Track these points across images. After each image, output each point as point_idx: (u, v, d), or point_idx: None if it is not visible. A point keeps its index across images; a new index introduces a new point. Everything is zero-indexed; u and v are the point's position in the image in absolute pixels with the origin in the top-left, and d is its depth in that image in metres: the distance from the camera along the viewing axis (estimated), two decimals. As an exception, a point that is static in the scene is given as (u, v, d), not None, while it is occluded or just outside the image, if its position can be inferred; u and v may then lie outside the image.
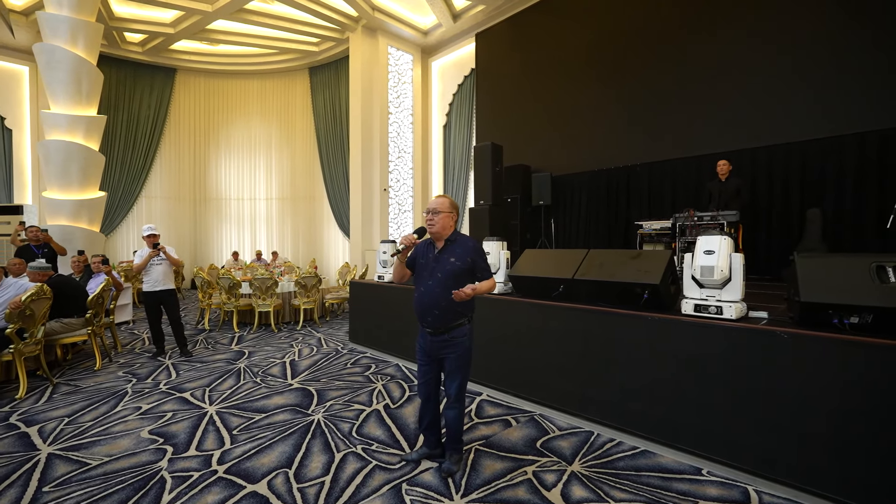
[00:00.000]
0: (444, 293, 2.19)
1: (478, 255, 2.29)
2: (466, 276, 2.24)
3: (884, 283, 1.99)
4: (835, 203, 5.09)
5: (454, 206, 2.35)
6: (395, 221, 10.21)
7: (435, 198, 2.36)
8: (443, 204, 2.30)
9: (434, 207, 2.29)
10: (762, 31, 5.55)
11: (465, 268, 2.24)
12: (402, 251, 2.31)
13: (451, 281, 2.21)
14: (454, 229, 2.34)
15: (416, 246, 2.40)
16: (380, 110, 9.76)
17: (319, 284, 6.34)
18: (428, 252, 2.35)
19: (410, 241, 2.29)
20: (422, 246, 2.40)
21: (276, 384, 3.76)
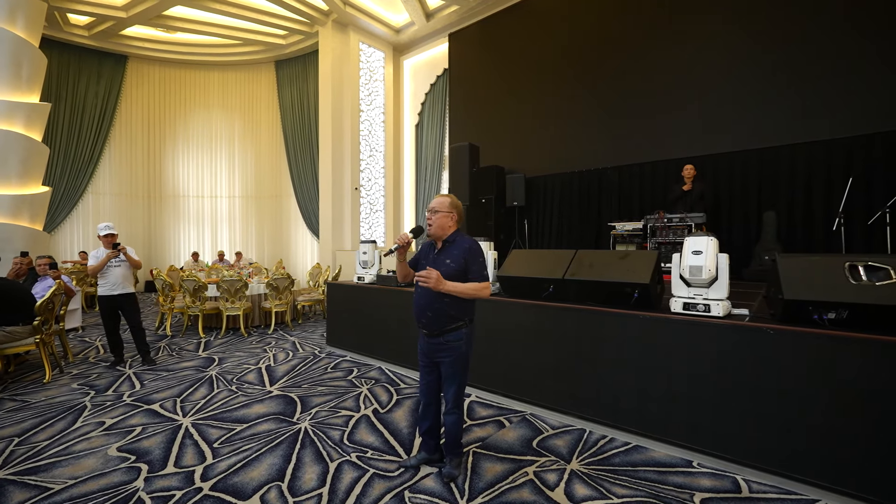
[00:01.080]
0: (437, 295, 2.14)
1: (471, 255, 2.19)
2: (460, 277, 2.17)
3: (857, 282, 2.15)
4: (788, 206, 5.47)
5: (455, 205, 2.28)
6: (366, 221, 10.03)
7: (436, 196, 2.31)
8: (442, 203, 2.24)
9: (433, 206, 2.25)
10: (721, 43, 5.89)
11: (460, 269, 2.17)
12: (397, 250, 2.25)
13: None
14: (455, 229, 2.27)
15: (422, 246, 2.38)
16: (351, 108, 9.55)
17: (292, 286, 6.10)
18: (430, 253, 2.31)
19: (405, 240, 2.23)
20: (426, 246, 2.36)
21: (255, 392, 3.57)
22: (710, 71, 6.01)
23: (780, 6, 5.48)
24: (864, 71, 4.96)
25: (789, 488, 2.14)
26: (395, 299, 4.27)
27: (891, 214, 4.64)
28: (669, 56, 6.37)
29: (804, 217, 5.39)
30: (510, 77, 8.34)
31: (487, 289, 2.18)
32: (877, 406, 1.95)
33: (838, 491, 2.03)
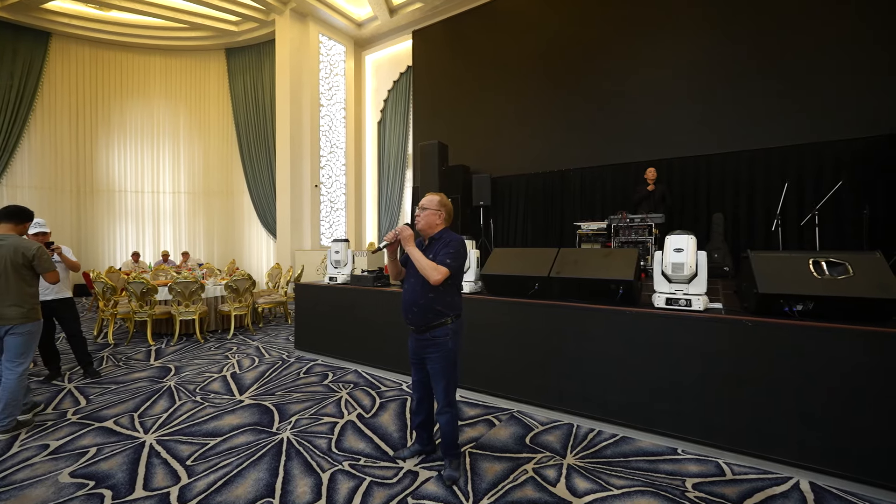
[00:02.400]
0: (422, 291, 2.16)
1: (446, 246, 2.16)
2: None
3: (820, 276, 2.36)
4: (733, 208, 5.95)
5: (444, 203, 2.30)
6: (327, 220, 9.69)
7: (427, 194, 2.30)
8: (431, 201, 2.27)
9: (422, 204, 2.26)
10: (676, 54, 6.29)
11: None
12: (387, 247, 2.25)
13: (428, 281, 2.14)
14: (443, 227, 2.28)
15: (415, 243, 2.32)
16: (311, 102, 9.19)
17: (253, 287, 5.74)
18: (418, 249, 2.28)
19: (393, 237, 2.21)
20: (416, 244, 2.31)
21: (223, 402, 3.31)
22: (666, 79, 6.39)
23: (729, 21, 5.94)
24: (797, 88, 5.50)
25: (766, 468, 2.30)
26: (370, 300, 4.14)
27: (819, 216, 5.18)
28: (629, 63, 6.70)
29: (747, 218, 5.88)
30: (475, 77, 8.40)
31: (439, 274, 2.07)
32: (842, 389, 2.15)
33: (808, 468, 2.22)
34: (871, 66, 5.08)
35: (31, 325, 2.83)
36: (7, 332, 2.76)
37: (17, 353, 2.78)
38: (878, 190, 5.08)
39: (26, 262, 2.80)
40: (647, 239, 5.57)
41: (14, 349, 2.77)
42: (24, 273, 2.80)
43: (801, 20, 5.47)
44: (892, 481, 2.04)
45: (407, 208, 9.79)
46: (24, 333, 2.80)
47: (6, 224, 2.86)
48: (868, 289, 2.23)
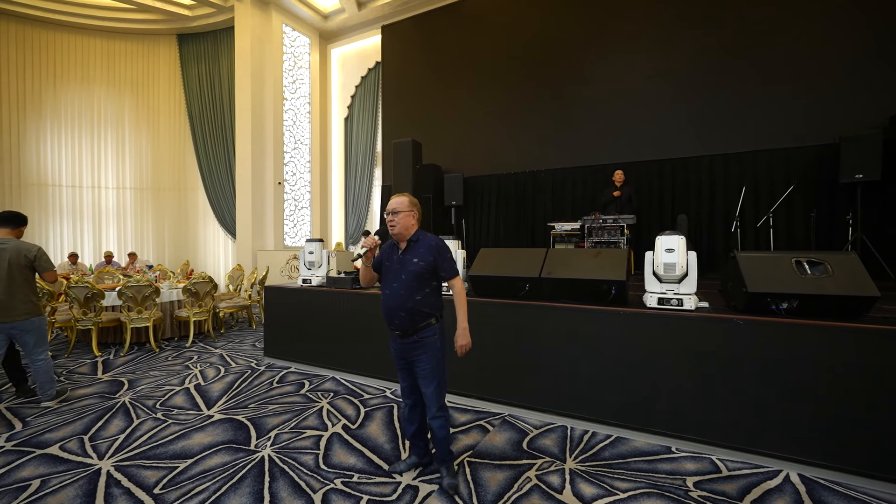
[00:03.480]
0: (409, 295, 2.10)
1: (440, 253, 2.15)
2: (430, 276, 2.14)
3: (803, 275, 2.46)
4: (696, 210, 6.24)
5: (414, 203, 2.22)
6: (291, 219, 9.26)
7: (393, 197, 2.20)
8: (402, 203, 2.16)
9: (393, 208, 2.15)
10: (643, 61, 6.52)
11: (428, 267, 2.12)
12: (365, 254, 2.17)
13: (415, 282, 2.10)
14: (417, 228, 2.21)
15: (382, 248, 2.23)
16: (274, 95, 8.74)
17: (214, 291, 5.33)
18: (392, 254, 2.20)
19: (372, 243, 2.13)
20: (387, 247, 2.22)
21: (189, 418, 3.01)
22: (634, 85, 6.60)
23: (692, 35, 6.21)
24: (753, 98, 5.84)
25: (756, 462, 2.37)
26: (349, 303, 3.94)
27: (773, 218, 5.53)
28: (599, 68, 6.87)
29: (708, 220, 6.18)
30: (447, 76, 8.32)
31: (462, 283, 2.20)
32: (826, 383, 2.25)
33: (795, 460, 2.30)
34: (818, 80, 5.48)
35: (37, 319, 3.17)
36: (16, 329, 3.05)
37: (35, 344, 3.15)
38: (822, 194, 5.49)
39: (28, 262, 3.08)
40: (619, 239, 5.70)
41: (30, 343, 3.13)
42: (26, 273, 3.09)
43: (758, 37, 5.81)
44: (874, 470, 2.14)
45: (376, 208, 9.54)
46: (34, 329, 3.14)
47: (5, 228, 3.10)
48: (847, 287, 2.34)
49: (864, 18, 5.27)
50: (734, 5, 5.96)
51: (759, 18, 5.81)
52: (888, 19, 5.15)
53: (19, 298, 3.04)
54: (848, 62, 5.34)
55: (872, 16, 5.24)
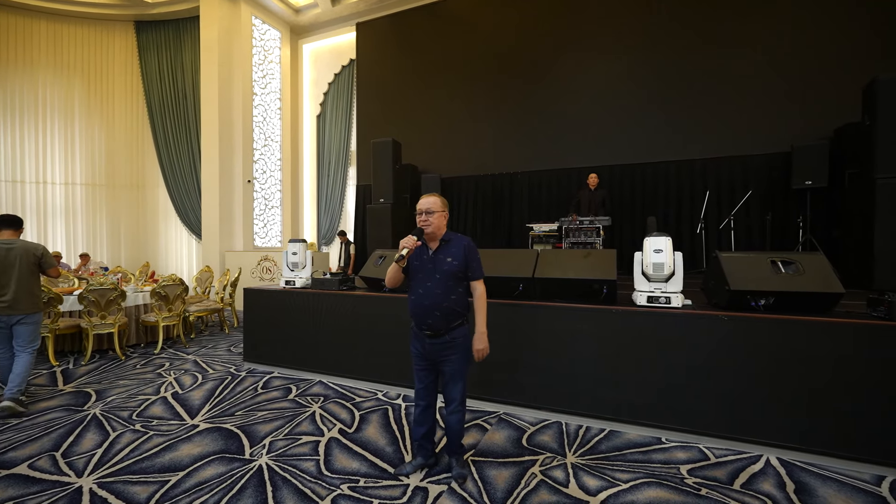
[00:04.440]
0: (445, 294, 2.13)
1: (472, 253, 2.23)
2: (462, 276, 2.20)
3: (778, 274, 2.66)
4: (664, 212, 6.57)
5: (445, 203, 2.27)
6: (260, 218, 8.94)
7: (425, 197, 2.21)
8: (436, 203, 2.19)
9: (427, 208, 2.17)
10: (617, 68, 6.79)
11: (461, 267, 2.18)
12: (405, 256, 2.12)
13: (451, 281, 2.15)
14: (446, 228, 2.26)
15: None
16: (243, 89, 8.41)
17: (185, 294, 5.06)
18: (422, 253, 2.22)
19: (413, 244, 2.10)
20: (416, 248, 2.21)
21: (173, 429, 2.85)
22: (607, 91, 6.88)
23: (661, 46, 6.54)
24: (717, 108, 6.23)
25: (739, 448, 2.54)
26: (335, 304, 3.87)
27: (734, 221, 5.93)
28: (573, 73, 7.10)
29: (676, 222, 6.53)
30: (424, 76, 8.31)
31: (484, 287, 2.25)
32: (799, 372, 2.44)
33: (773, 445, 2.48)
34: (774, 93, 5.93)
35: (38, 315, 3.33)
36: (18, 322, 3.20)
37: (28, 339, 3.26)
38: (777, 199, 5.94)
39: (36, 260, 3.27)
40: (595, 240, 5.91)
41: (26, 336, 3.25)
42: (33, 270, 3.28)
43: (721, 54, 6.21)
44: (841, 450, 2.35)
45: (350, 208, 9.39)
46: (33, 323, 3.28)
47: (9, 230, 3.28)
48: (817, 284, 2.56)
49: (814, 37, 5.75)
50: (698, 26, 6.34)
51: (722, 38, 6.21)
52: (836, 40, 5.65)
53: (30, 293, 3.24)
54: (800, 78, 5.81)
55: (821, 36, 5.72)
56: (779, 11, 5.94)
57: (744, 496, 2.08)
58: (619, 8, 6.83)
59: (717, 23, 6.25)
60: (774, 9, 5.96)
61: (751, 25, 6.07)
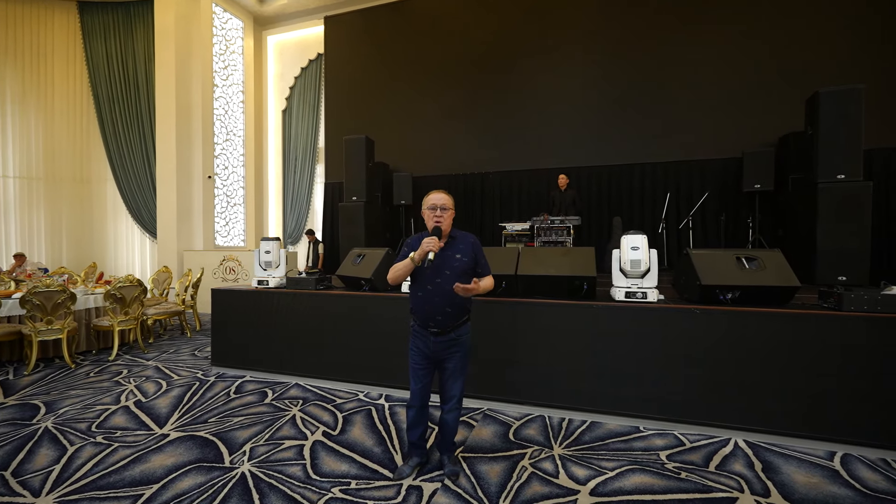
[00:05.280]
0: (454, 291, 2.09)
1: (479, 250, 2.27)
2: (471, 272, 2.21)
3: (743, 270, 2.85)
4: (629, 213, 6.88)
5: (453, 200, 2.25)
6: (222, 216, 8.53)
7: (437, 193, 2.20)
8: (450, 200, 2.21)
9: (442, 204, 2.16)
10: (581, 72, 7.04)
11: (470, 263, 2.20)
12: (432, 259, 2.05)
13: (460, 278, 2.13)
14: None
15: (410, 244, 2.20)
16: (203, 79, 7.99)
17: (143, 296, 4.74)
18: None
19: (437, 246, 2.06)
20: (417, 243, 2.17)
21: (140, 439, 2.66)
22: (576, 94, 7.11)
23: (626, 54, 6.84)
24: (677, 114, 6.59)
25: (710, 433, 2.70)
26: (312, 304, 3.76)
27: (693, 221, 6.30)
28: (543, 75, 7.28)
29: (639, 222, 6.85)
30: (395, 74, 8.23)
31: (493, 281, 2.27)
32: (761, 359, 2.63)
33: (739, 428, 2.67)
34: (728, 102, 6.35)
35: None
36: None
37: None
38: (729, 201, 6.37)
39: None
40: (566, 239, 6.09)
41: None
42: None
43: (679, 65, 6.58)
44: (798, 430, 2.56)
45: (318, 206, 9.15)
46: None
47: None
48: (776, 279, 2.77)
49: (766, 50, 6.20)
50: (658, 40, 6.68)
51: (680, 51, 6.58)
52: (780, 55, 6.13)
53: None
54: (749, 89, 6.25)
55: (767, 51, 6.19)
56: (730, 30, 6.36)
57: (719, 477, 2.21)
58: (585, 18, 7.07)
59: (675, 37, 6.61)
60: (726, 27, 6.38)
61: (706, 39, 6.47)
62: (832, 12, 5.94)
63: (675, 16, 6.64)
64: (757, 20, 6.27)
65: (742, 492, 2.08)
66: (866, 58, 5.73)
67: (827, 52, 5.89)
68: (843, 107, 4.36)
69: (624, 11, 6.87)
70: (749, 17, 6.30)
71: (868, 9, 5.78)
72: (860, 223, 4.28)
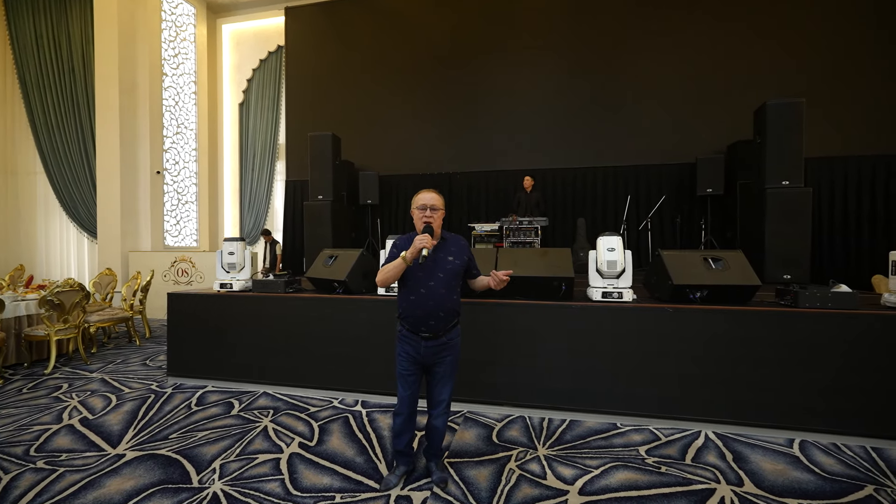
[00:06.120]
0: (448, 294, 2.09)
1: (471, 252, 2.25)
2: (463, 275, 2.20)
3: (710, 270, 3.01)
4: (592, 215, 7.11)
5: (443, 201, 2.20)
6: (172, 214, 7.97)
7: (427, 192, 2.14)
8: (440, 200, 2.15)
9: (433, 204, 2.11)
10: (547, 75, 7.20)
11: (462, 266, 2.17)
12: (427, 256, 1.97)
13: (453, 281, 2.11)
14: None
15: (401, 245, 2.12)
16: (150, 66, 7.44)
17: (86, 302, 4.31)
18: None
19: (431, 243, 1.99)
20: (407, 243, 2.11)
21: (90, 462, 2.39)
22: (538, 98, 7.26)
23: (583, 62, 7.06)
24: (636, 120, 6.89)
25: (681, 427, 2.82)
26: (281, 309, 3.57)
27: (651, 223, 6.61)
28: (508, 77, 7.37)
29: (601, 224, 7.10)
30: (359, 70, 8.04)
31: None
32: (728, 354, 2.78)
33: (707, 420, 2.80)
34: (683, 111, 6.71)
35: None
36: None
37: None
38: (684, 204, 6.74)
39: None
40: (534, 240, 6.20)
41: None
42: None
43: (639, 74, 6.88)
44: (761, 420, 2.73)
45: (278, 204, 8.76)
46: None
47: None
48: (740, 278, 2.94)
49: (714, 64, 6.61)
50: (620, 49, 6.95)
51: (640, 60, 6.87)
52: (728, 67, 6.55)
53: None
54: (702, 99, 6.64)
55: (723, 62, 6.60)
56: (684, 43, 6.73)
57: (696, 469, 2.31)
58: (550, 24, 7.22)
59: (633, 47, 6.91)
60: (681, 41, 6.73)
61: (663, 51, 6.80)
62: (775, 28, 6.41)
63: (633, 28, 6.93)
64: (707, 36, 6.66)
65: (718, 482, 2.18)
66: (805, 72, 6.23)
67: (768, 67, 6.37)
68: (787, 118, 4.72)
69: (585, 22, 7.10)
70: (701, 33, 6.68)
71: (808, 25, 6.28)
72: (802, 226, 4.66)
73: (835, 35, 6.18)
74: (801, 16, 6.33)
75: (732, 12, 6.56)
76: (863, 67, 6.06)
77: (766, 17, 6.44)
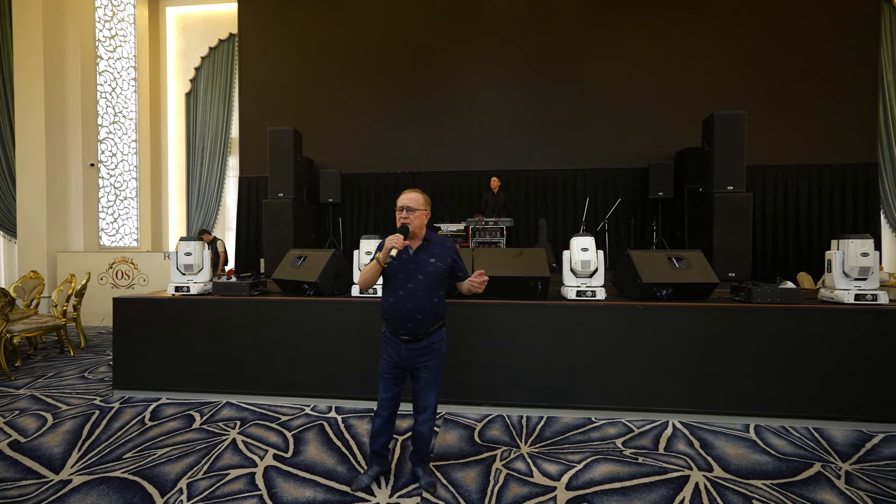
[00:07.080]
0: (427, 297, 2.05)
1: (457, 255, 2.21)
2: (446, 278, 2.16)
3: (674, 269, 3.19)
4: (553, 216, 7.34)
5: (427, 201, 2.19)
6: (109, 212, 7.28)
7: (406, 193, 2.11)
8: (417, 200, 2.11)
9: (408, 205, 2.08)
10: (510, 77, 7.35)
11: (446, 269, 2.13)
12: (395, 257, 1.97)
13: (433, 283, 2.08)
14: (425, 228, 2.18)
15: (382, 247, 2.07)
16: (82, 49, 6.76)
17: (10, 309, 3.81)
18: (402, 252, 2.07)
19: (402, 243, 1.97)
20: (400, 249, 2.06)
21: (30, 491, 2.11)
22: (502, 102, 7.38)
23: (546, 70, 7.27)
24: (594, 126, 7.19)
25: (652, 418, 2.97)
26: (246, 312, 3.36)
27: (608, 224, 6.93)
28: (471, 79, 7.44)
29: (562, 225, 7.35)
30: (319, 64, 7.77)
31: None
32: (690, 347, 2.97)
33: (673, 411, 2.97)
34: (637, 118, 7.09)
35: None
36: None
37: None
38: (637, 206, 7.14)
39: None
40: (499, 240, 6.29)
41: None
42: None
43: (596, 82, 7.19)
44: (721, 409, 2.93)
45: (230, 202, 8.27)
46: None
47: None
48: (700, 276, 3.14)
49: (664, 75, 7.04)
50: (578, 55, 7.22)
51: (599, 66, 7.19)
52: (676, 79, 7.01)
53: None
54: (653, 108, 7.05)
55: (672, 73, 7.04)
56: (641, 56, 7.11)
57: (670, 458, 2.44)
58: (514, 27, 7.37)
59: (592, 54, 7.21)
60: (638, 51, 7.11)
61: (619, 60, 7.15)
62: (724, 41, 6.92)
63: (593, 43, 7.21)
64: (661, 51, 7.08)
65: (691, 469, 2.31)
66: (749, 85, 6.78)
67: (715, 79, 6.88)
68: (732, 128, 5.13)
69: (549, 30, 7.30)
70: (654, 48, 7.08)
71: (750, 41, 6.84)
72: (744, 228, 5.08)
73: (773, 56, 6.79)
74: (742, 35, 6.89)
75: (681, 30, 7.03)
76: (798, 85, 6.71)
77: (713, 34, 6.95)
